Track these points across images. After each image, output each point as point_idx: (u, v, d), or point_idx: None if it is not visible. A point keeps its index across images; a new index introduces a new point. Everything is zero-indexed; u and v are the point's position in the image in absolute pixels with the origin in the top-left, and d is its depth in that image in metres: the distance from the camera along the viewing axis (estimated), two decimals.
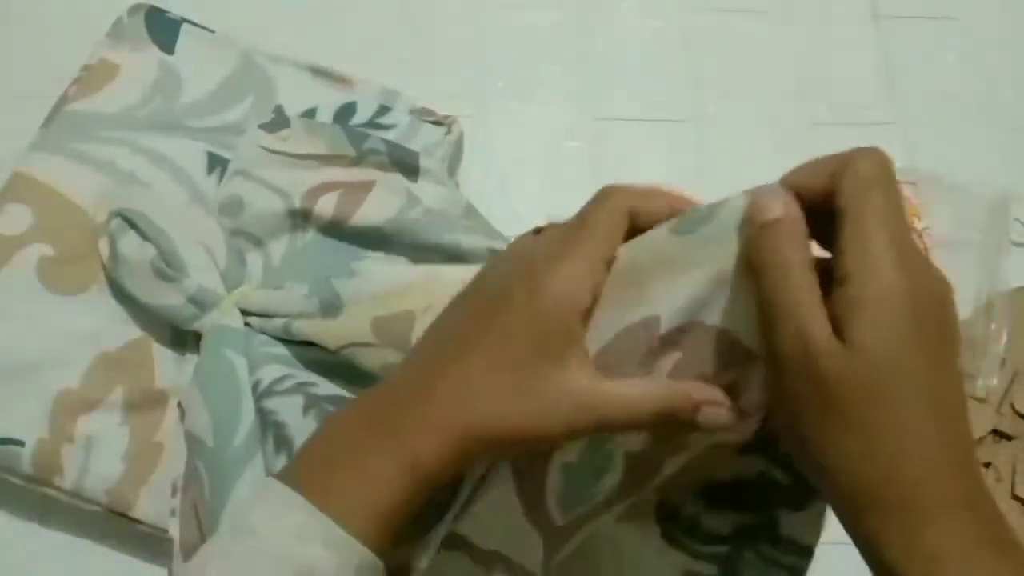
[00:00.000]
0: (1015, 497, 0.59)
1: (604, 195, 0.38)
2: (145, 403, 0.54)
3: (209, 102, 0.63)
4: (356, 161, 0.58)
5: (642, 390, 0.36)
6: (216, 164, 0.61)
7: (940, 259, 0.66)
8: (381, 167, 0.58)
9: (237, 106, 0.63)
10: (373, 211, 0.56)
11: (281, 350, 0.53)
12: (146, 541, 0.54)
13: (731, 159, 0.70)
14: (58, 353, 0.54)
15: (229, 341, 0.53)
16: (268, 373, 0.51)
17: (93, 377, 0.54)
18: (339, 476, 0.36)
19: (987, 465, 0.61)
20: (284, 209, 0.57)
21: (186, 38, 0.64)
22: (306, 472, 0.37)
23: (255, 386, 0.51)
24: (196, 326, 0.54)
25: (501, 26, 0.74)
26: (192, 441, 0.51)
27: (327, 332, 0.51)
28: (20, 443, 0.52)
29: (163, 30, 0.64)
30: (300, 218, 0.57)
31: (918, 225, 0.67)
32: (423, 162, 0.59)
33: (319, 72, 0.65)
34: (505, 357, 0.35)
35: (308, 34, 0.71)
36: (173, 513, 0.51)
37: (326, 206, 0.57)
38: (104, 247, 0.56)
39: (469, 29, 0.74)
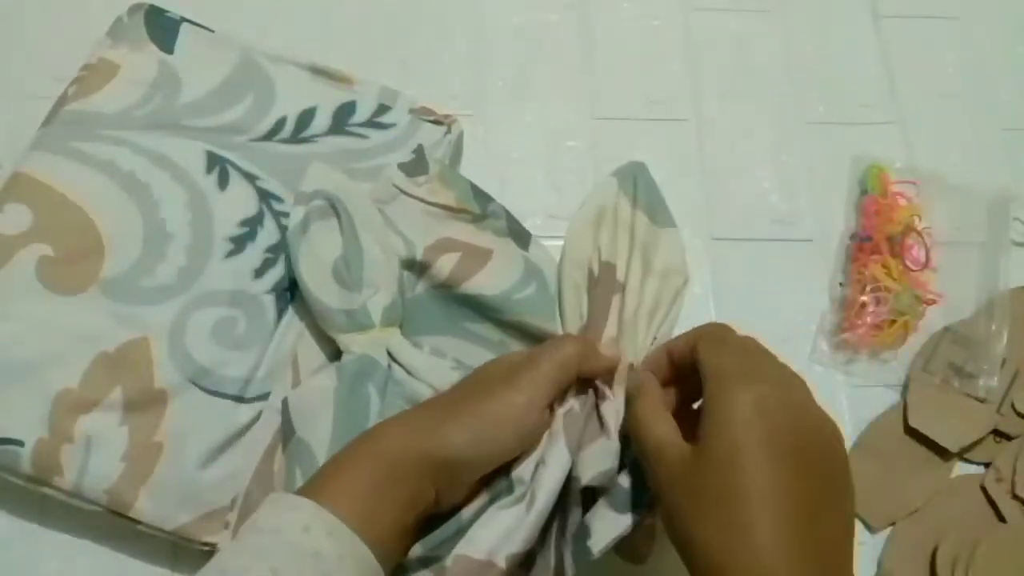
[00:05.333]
0: (1015, 497, 0.59)
1: (558, 345, 0.47)
2: (144, 403, 0.54)
3: (209, 101, 0.63)
4: (477, 219, 0.59)
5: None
6: (215, 164, 0.61)
7: (940, 259, 0.66)
8: (498, 232, 0.59)
9: (237, 105, 0.63)
10: (486, 281, 0.57)
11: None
12: (146, 541, 0.54)
13: (731, 159, 0.70)
14: (58, 353, 0.54)
15: (375, 377, 0.53)
16: None
17: (92, 377, 0.54)
18: (334, 477, 0.43)
19: (987, 465, 0.61)
20: (405, 257, 0.57)
21: (186, 37, 0.65)
22: (310, 481, 0.43)
23: None
24: (336, 336, 0.55)
25: (501, 26, 0.74)
26: (300, 447, 0.51)
27: None
28: (20, 443, 0.52)
29: (163, 30, 0.64)
30: (416, 270, 0.58)
31: (918, 225, 0.67)
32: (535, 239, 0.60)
33: (319, 71, 0.65)
34: (456, 403, 0.46)
35: (308, 34, 0.71)
36: (227, 526, 0.52)
37: (444, 266, 0.57)
38: (297, 214, 0.57)
39: (469, 29, 0.74)
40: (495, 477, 0.45)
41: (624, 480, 0.43)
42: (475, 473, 0.45)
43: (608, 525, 0.43)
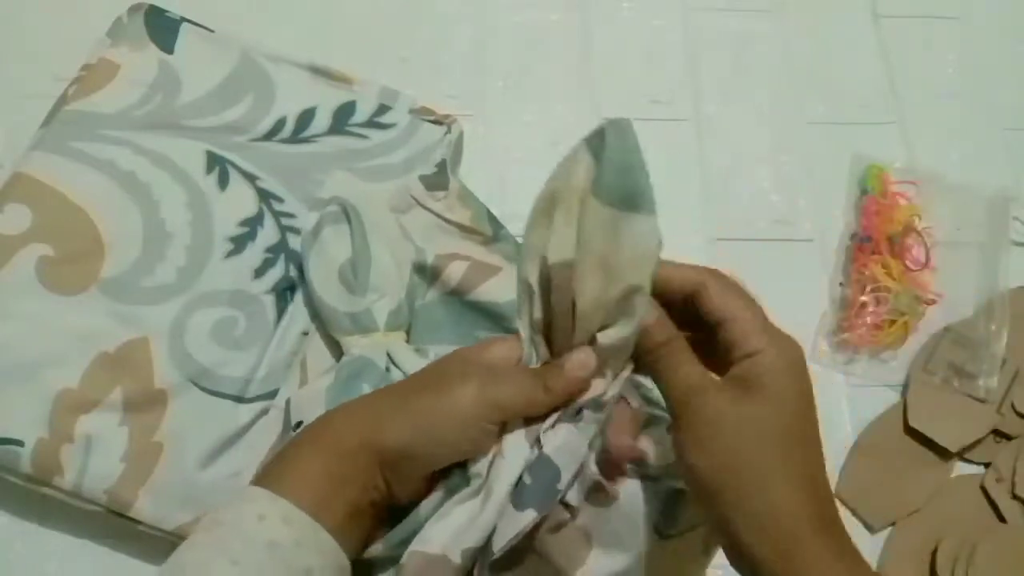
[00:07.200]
0: (1015, 497, 0.59)
1: (521, 388, 0.43)
2: (144, 403, 0.54)
3: (209, 101, 0.63)
4: (488, 241, 0.60)
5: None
6: (215, 164, 0.61)
7: (940, 259, 0.66)
8: (507, 256, 0.59)
9: (237, 106, 0.63)
10: (496, 290, 0.57)
11: None
12: (146, 541, 0.54)
13: (731, 159, 0.70)
14: (58, 353, 0.54)
15: (369, 376, 0.53)
16: None
17: (92, 377, 0.54)
18: (285, 467, 0.42)
19: (987, 465, 0.61)
20: (415, 262, 0.58)
21: (185, 37, 0.65)
22: (262, 473, 0.43)
23: None
24: (341, 338, 0.55)
25: (501, 26, 0.74)
26: None
27: None
28: (20, 443, 0.52)
29: (163, 30, 0.64)
30: (428, 276, 0.58)
31: (918, 225, 0.67)
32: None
33: (319, 71, 0.65)
34: (406, 394, 0.44)
35: (308, 34, 0.71)
36: None
37: (454, 273, 0.58)
38: (312, 218, 0.58)
39: (469, 29, 0.74)
40: (451, 471, 0.45)
41: (527, 477, 0.42)
42: (423, 467, 0.44)
43: (509, 523, 0.42)
